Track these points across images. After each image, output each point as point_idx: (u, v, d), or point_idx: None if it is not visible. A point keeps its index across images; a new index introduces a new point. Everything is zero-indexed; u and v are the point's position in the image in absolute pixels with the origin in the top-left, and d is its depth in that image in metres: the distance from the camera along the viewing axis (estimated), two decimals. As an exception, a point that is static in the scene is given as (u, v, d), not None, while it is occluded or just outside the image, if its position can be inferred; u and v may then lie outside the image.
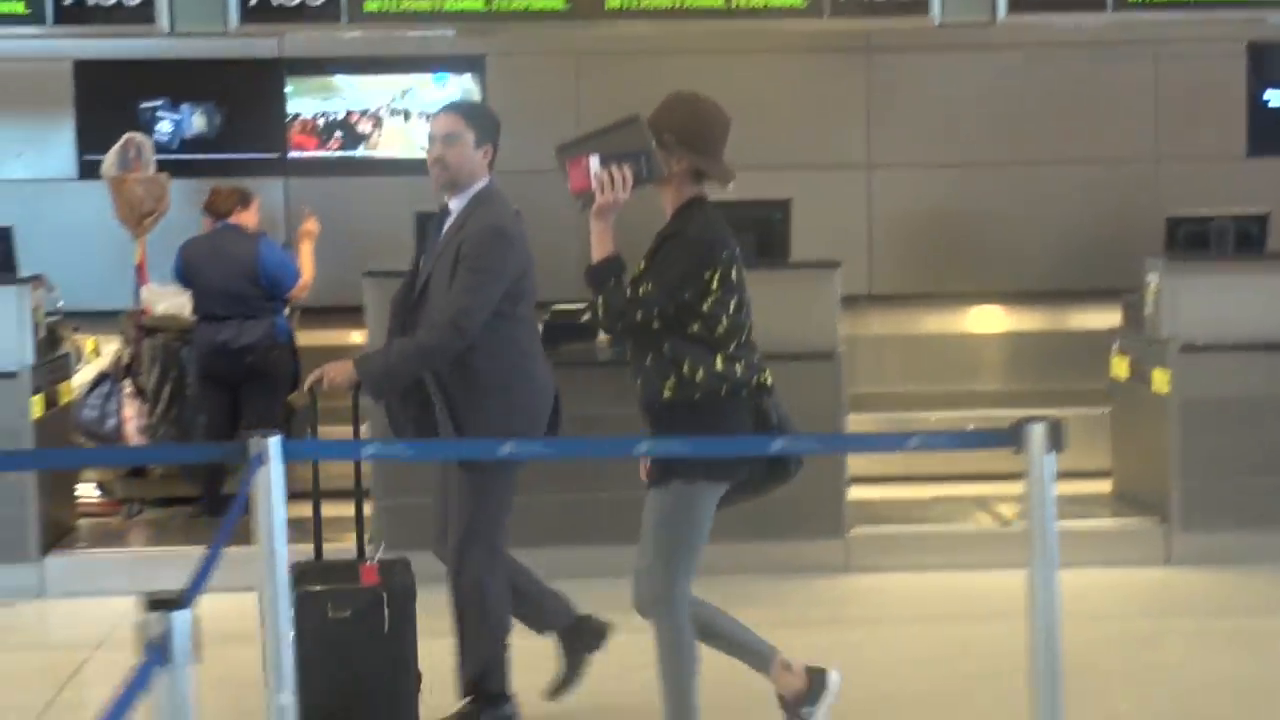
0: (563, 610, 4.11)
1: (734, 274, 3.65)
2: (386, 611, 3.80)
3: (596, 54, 7.82)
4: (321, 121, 7.90)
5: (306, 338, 6.39)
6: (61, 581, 5.22)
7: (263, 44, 7.60)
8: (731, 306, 3.67)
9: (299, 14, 6.71)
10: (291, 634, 3.00)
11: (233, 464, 4.54)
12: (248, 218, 6.16)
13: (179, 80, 7.77)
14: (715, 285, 3.62)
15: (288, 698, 2.87)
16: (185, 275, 6.19)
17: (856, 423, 6.10)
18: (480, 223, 3.87)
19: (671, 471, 3.56)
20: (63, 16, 6.79)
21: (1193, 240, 6.41)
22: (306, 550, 3.95)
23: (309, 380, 3.90)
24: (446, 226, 3.94)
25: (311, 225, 6.35)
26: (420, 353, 3.84)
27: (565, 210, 3.75)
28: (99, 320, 6.92)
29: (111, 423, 6.15)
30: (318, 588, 3.76)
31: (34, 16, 6.63)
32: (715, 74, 7.71)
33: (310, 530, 3.98)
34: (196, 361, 6.10)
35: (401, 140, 7.93)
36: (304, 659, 3.43)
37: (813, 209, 6.58)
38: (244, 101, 7.81)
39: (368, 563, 3.87)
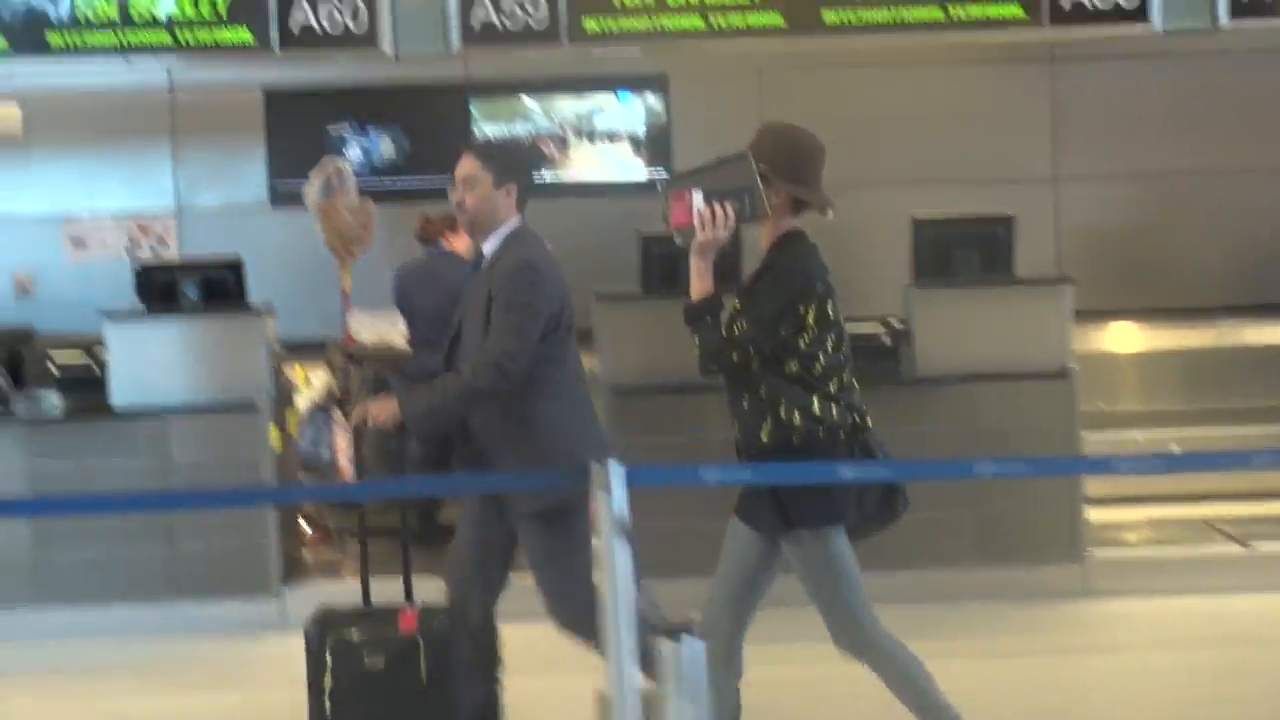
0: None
1: (830, 309, 3.55)
2: (423, 662, 3.74)
3: (778, 69, 7.74)
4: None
5: None
6: (301, 613, 5.26)
7: (448, 67, 7.61)
8: (830, 344, 3.58)
9: (522, 37, 6.73)
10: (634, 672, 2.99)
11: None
12: (458, 243, 6.12)
13: (366, 105, 7.85)
14: (812, 321, 3.54)
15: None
16: (400, 301, 6.18)
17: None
18: (509, 261, 3.83)
19: (792, 523, 3.49)
20: (288, 41, 6.87)
21: None
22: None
23: (354, 418, 3.96)
24: (484, 265, 3.90)
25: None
26: (464, 393, 3.78)
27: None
28: (294, 349, 6.98)
29: (325, 454, 6.16)
30: (354, 635, 3.73)
31: (260, 45, 6.64)
32: (896, 86, 7.71)
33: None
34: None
35: (589, 162, 7.92)
36: (339, 708, 3.61)
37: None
38: (429, 126, 7.86)
39: (408, 609, 3.83)
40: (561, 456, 3.78)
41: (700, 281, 3.56)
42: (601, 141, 7.94)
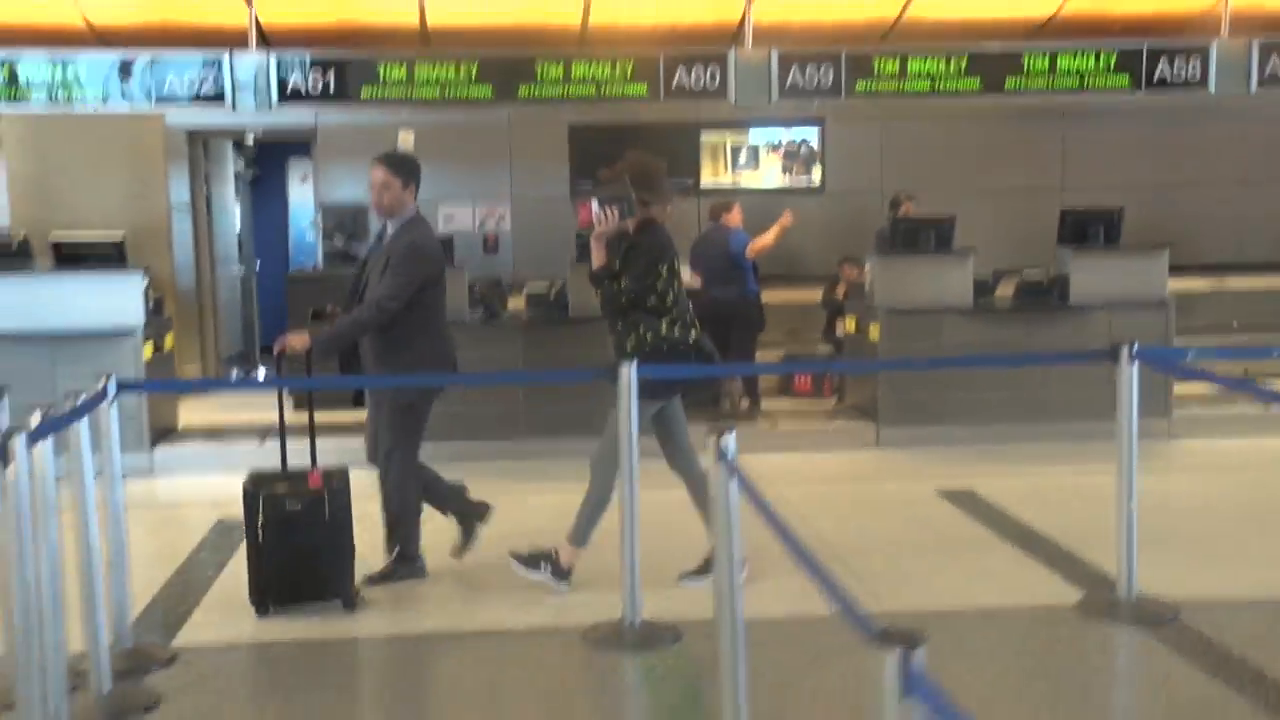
0: (459, 496, 5.87)
1: (675, 266, 5.45)
2: (327, 505, 5.22)
3: (898, 120, 11.90)
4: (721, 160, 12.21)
5: (770, 296, 10.42)
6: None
7: (685, 109, 11.78)
8: (674, 289, 5.44)
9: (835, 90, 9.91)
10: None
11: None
12: (731, 218, 10.17)
13: (639, 137, 12.05)
14: (664, 273, 5.43)
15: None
16: (692, 258, 10.20)
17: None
18: (404, 239, 5.43)
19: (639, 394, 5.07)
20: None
21: None
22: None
23: (275, 347, 5.41)
24: (386, 239, 5.55)
25: (787, 219, 10.26)
26: (354, 324, 5.40)
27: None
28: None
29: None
30: (280, 489, 5.23)
31: (653, 95, 9.85)
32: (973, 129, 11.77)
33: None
34: (701, 313, 9.74)
35: (772, 173, 12.23)
36: (268, 541, 5.15)
37: None
38: (675, 146, 12.08)
39: (314, 471, 5.30)
40: (416, 364, 5.48)
41: (598, 257, 5.43)
42: (781, 159, 12.23)
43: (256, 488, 5.22)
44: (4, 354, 8.03)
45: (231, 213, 12.91)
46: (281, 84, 8.86)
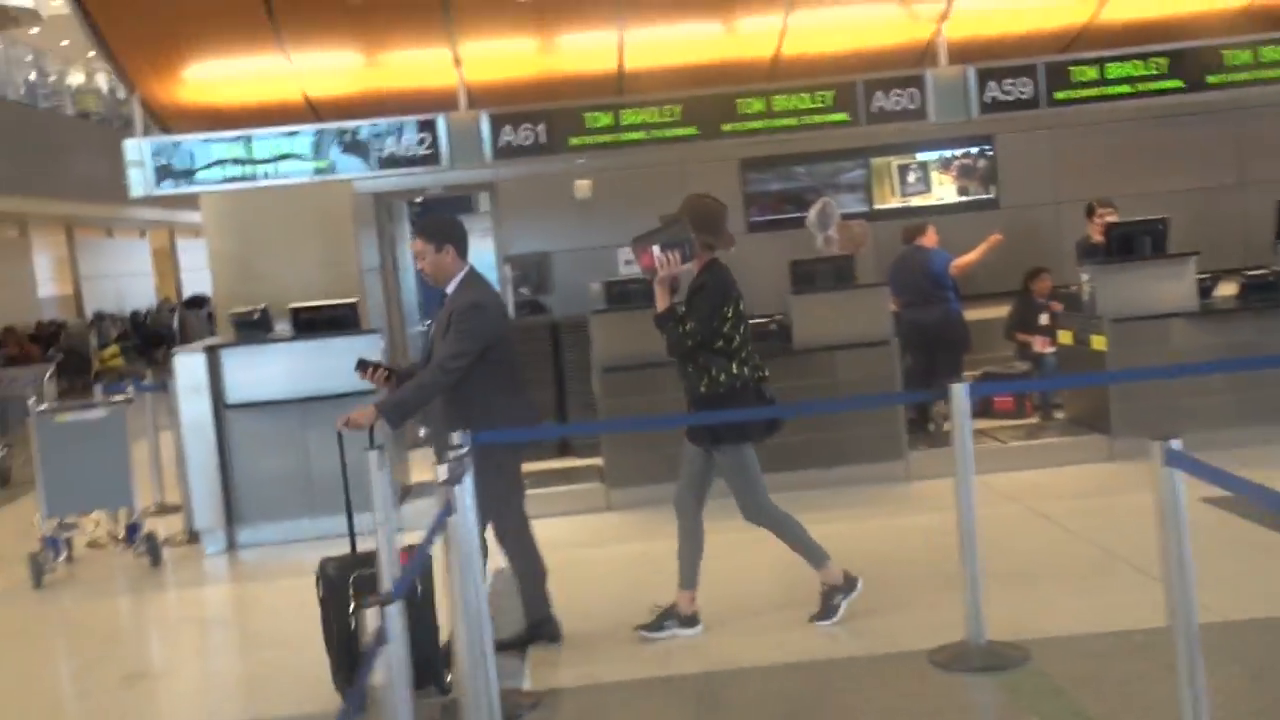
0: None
1: (739, 307, 5.46)
2: (419, 584, 4.92)
3: (1065, 128, 11.90)
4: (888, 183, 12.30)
5: (985, 313, 10.42)
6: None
7: (850, 136, 11.87)
8: (740, 329, 5.46)
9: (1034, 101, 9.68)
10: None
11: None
12: (927, 240, 10.22)
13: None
14: (730, 315, 5.45)
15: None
16: (891, 278, 10.24)
17: None
18: (464, 298, 5.34)
19: (721, 439, 5.48)
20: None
21: None
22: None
23: (339, 424, 5.13)
24: (447, 301, 5.42)
25: (996, 238, 10.25)
26: (420, 389, 5.27)
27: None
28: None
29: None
30: (369, 571, 4.91)
31: (854, 120, 9.73)
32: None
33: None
34: (903, 335, 9.24)
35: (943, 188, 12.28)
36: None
37: None
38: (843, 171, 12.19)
39: (400, 549, 4.88)
40: (495, 423, 5.25)
41: (663, 300, 5.38)
42: (954, 177, 12.28)
43: (344, 571, 5.07)
44: (258, 419, 8.31)
45: (410, 272, 13.20)
46: (494, 141, 9.06)
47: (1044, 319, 10.38)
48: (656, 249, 5.32)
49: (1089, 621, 5.45)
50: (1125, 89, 9.34)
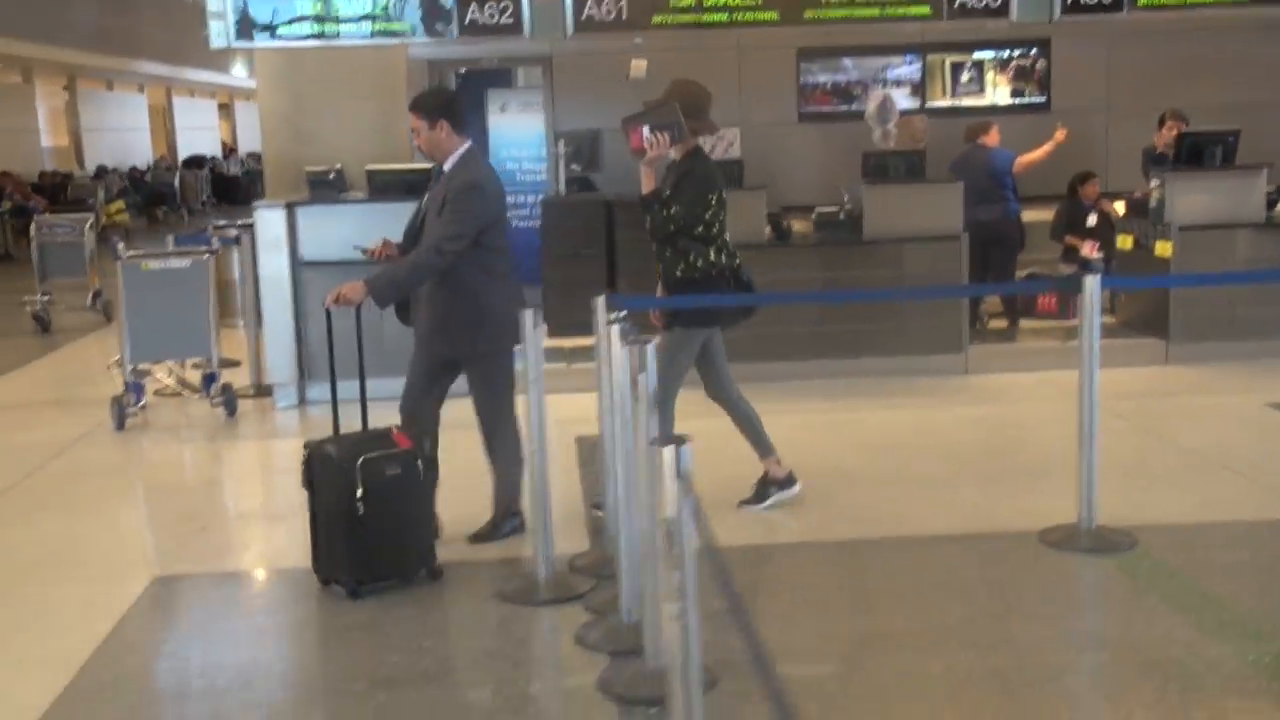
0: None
1: (722, 195, 5.44)
2: (421, 468, 4.86)
3: (1123, 35, 11.90)
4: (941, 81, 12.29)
5: (1030, 215, 10.55)
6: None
7: (907, 31, 11.82)
8: (721, 216, 5.44)
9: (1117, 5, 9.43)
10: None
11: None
12: (990, 139, 10.27)
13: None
14: (714, 202, 5.42)
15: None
16: (955, 172, 10.23)
17: None
18: (462, 178, 5.04)
19: (690, 322, 5.49)
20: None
21: None
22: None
23: (328, 299, 4.91)
24: (444, 178, 5.14)
25: (1061, 135, 10.22)
26: (414, 269, 4.99)
27: None
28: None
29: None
30: (375, 454, 4.76)
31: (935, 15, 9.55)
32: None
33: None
34: (974, 233, 9.26)
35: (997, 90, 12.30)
36: (370, 515, 4.66)
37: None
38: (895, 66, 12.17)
39: (395, 430, 4.92)
40: (486, 312, 5.07)
41: (649, 182, 5.37)
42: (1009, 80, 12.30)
43: (347, 454, 4.76)
44: (331, 277, 8.33)
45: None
46: (576, 13, 9.02)
47: (1092, 220, 10.53)
48: (646, 130, 5.29)
49: (1187, 513, 5.69)
50: (1210, -1, 9.35)
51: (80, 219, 12.75)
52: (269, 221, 8.42)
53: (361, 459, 4.73)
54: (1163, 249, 8.94)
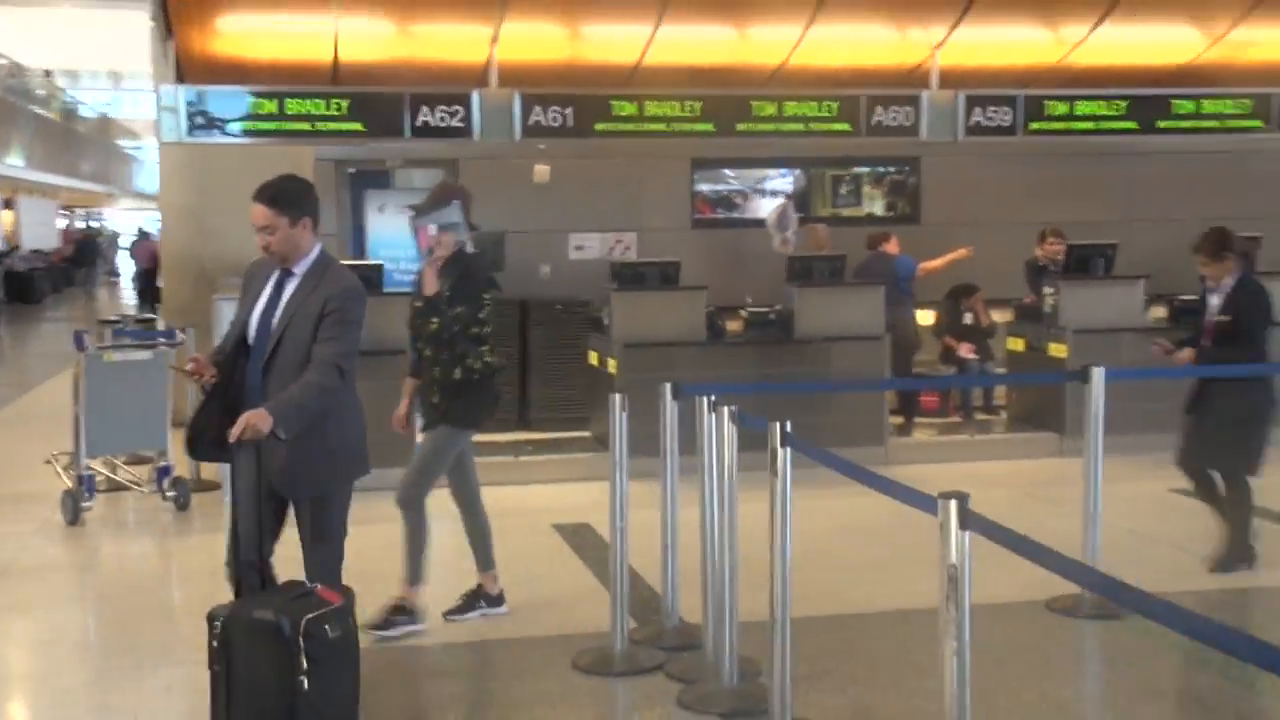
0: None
1: (491, 296, 5.50)
2: (355, 625, 4.20)
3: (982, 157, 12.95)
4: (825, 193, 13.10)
5: (924, 318, 11.27)
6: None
7: (795, 145, 12.67)
8: (489, 318, 5.48)
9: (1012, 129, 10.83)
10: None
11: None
12: (891, 246, 10.99)
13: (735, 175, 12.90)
14: (487, 303, 5.46)
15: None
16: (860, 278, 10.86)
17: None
18: (340, 284, 4.34)
19: (455, 420, 5.49)
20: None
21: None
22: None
23: (234, 432, 4.04)
24: (295, 286, 4.34)
25: (964, 251, 11.07)
26: (319, 391, 4.19)
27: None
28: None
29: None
30: (310, 612, 3.95)
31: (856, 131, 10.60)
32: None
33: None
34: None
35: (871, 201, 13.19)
36: (316, 691, 3.86)
37: None
38: (781, 179, 12.95)
39: (317, 586, 4.16)
40: (347, 440, 4.41)
41: (431, 283, 5.37)
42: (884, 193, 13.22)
43: (282, 618, 3.94)
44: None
45: (373, 239, 13.30)
46: (524, 120, 9.39)
47: (968, 319, 11.39)
48: (433, 229, 5.32)
49: (1167, 583, 6.28)
50: (1089, 125, 10.40)
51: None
52: (227, 315, 8.41)
53: (304, 621, 3.97)
54: (1057, 349, 9.80)
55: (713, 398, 5.00)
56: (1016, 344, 10.50)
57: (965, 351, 11.28)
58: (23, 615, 6.22)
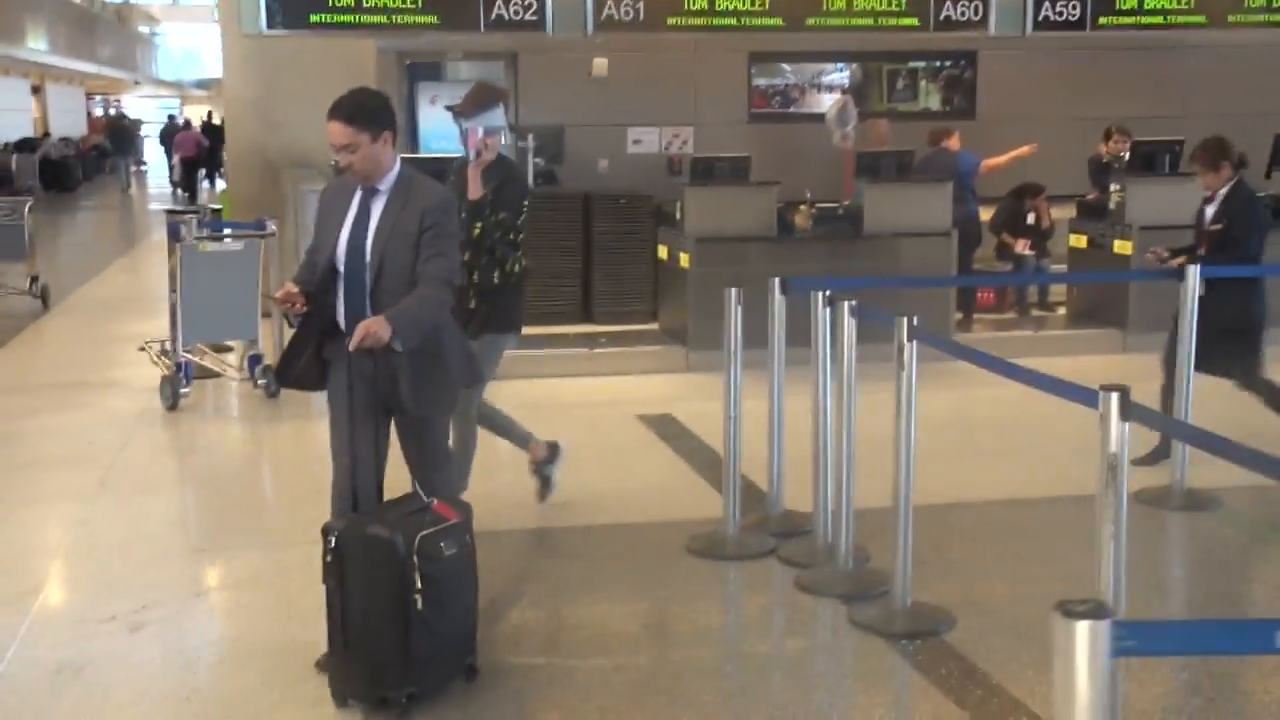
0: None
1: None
2: (472, 542, 4.07)
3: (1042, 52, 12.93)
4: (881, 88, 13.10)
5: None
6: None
7: (845, 39, 12.64)
8: (525, 224, 5.49)
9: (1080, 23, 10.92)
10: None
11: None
12: (953, 142, 11.05)
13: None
14: (526, 208, 5.47)
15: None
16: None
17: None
18: (433, 196, 4.21)
19: (503, 328, 5.49)
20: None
21: None
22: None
23: (354, 340, 3.97)
24: (382, 205, 4.17)
25: (1028, 150, 11.14)
26: (439, 304, 4.17)
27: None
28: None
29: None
30: (425, 529, 3.88)
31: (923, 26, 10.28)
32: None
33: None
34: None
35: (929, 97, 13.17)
36: (429, 610, 3.79)
37: None
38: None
39: (435, 500, 4.06)
40: (462, 352, 4.44)
41: (476, 187, 5.29)
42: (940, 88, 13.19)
43: (396, 535, 3.84)
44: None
45: (424, 132, 13.41)
46: (596, 13, 9.42)
47: (1030, 219, 11.46)
48: (481, 131, 5.27)
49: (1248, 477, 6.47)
50: (1158, 20, 10.36)
51: (18, 201, 12.42)
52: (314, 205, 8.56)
53: (419, 538, 3.88)
54: (1123, 247, 9.89)
55: (828, 292, 5.14)
56: (1079, 240, 10.58)
57: (1022, 248, 11.37)
58: (153, 494, 6.51)
